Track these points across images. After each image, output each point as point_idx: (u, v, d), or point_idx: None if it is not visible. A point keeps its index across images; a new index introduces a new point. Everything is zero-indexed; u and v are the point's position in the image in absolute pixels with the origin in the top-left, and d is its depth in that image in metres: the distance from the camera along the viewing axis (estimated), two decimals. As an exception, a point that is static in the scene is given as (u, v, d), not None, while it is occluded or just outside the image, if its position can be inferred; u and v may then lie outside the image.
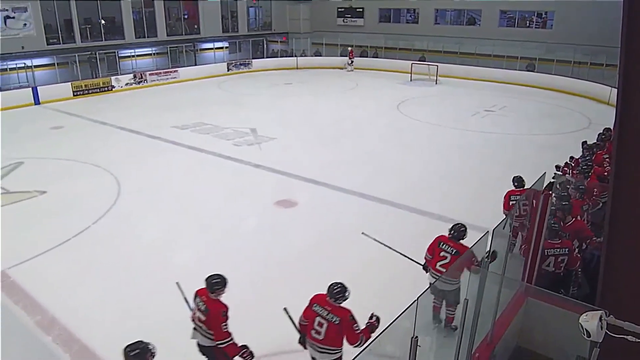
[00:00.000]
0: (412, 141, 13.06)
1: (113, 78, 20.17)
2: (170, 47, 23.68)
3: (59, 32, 20.10)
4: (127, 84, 20.49)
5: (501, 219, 4.64)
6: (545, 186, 5.85)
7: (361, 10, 27.41)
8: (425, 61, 23.46)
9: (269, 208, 8.66)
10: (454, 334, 4.78)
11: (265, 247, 7.25)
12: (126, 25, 22.20)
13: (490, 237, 3.89)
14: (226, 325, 3.83)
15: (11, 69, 18.50)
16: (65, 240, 7.41)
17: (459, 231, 4.85)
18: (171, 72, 22.30)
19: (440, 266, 4.81)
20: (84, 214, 8.31)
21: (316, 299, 3.93)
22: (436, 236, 5.08)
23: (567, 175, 7.03)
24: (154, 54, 23.27)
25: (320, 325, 3.81)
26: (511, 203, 6.38)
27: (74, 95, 18.73)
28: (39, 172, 10.62)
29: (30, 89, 17.78)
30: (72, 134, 13.93)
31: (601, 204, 5.95)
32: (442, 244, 4.88)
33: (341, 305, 3.82)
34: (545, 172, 5.58)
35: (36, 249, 7.07)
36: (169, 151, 12.16)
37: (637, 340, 2.40)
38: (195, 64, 24.36)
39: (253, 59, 26.25)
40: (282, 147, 12.39)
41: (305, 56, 27.55)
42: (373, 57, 26.63)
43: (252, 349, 4.04)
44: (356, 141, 12.96)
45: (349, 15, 27.92)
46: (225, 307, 3.88)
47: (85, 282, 6.34)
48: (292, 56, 27.34)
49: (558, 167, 7.73)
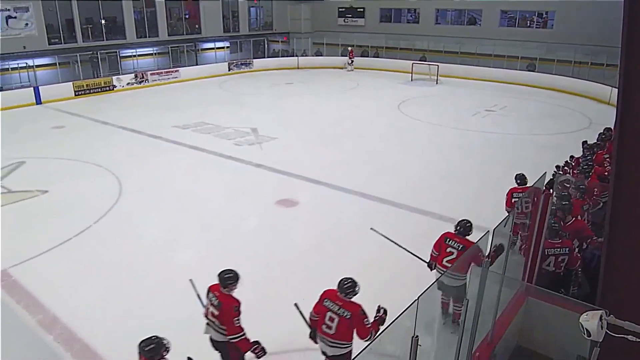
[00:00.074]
0: (412, 141, 13.06)
1: (114, 78, 20.20)
2: (171, 47, 23.74)
3: (61, 32, 20.14)
4: (128, 83, 20.52)
5: (502, 218, 4.64)
6: (546, 184, 5.88)
7: (362, 10, 27.42)
8: (426, 61, 23.47)
9: (270, 208, 8.68)
10: (459, 330, 4.79)
11: (266, 247, 7.26)
12: (127, 25, 22.24)
13: (490, 237, 3.90)
14: (238, 320, 3.86)
15: (13, 68, 18.55)
16: (66, 239, 7.43)
17: (465, 227, 4.89)
18: (172, 71, 22.33)
19: (447, 262, 4.85)
20: (86, 213, 8.34)
21: (327, 295, 3.95)
22: (440, 234, 5.10)
23: (568, 175, 7.03)
24: (155, 53, 23.32)
25: (332, 320, 3.85)
26: (513, 200, 6.40)
27: (75, 95, 18.76)
28: (40, 171, 10.64)
29: (32, 88, 17.80)
30: (73, 133, 13.96)
31: (602, 204, 5.95)
32: (448, 240, 4.92)
33: (352, 300, 3.86)
34: (546, 172, 5.59)
35: (38, 249, 7.09)
36: (170, 151, 12.18)
37: (638, 340, 2.40)
38: (197, 64, 24.39)
39: (254, 58, 26.27)
40: (283, 147, 12.40)
41: (306, 56, 27.58)
42: (374, 57, 26.63)
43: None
44: (357, 141, 12.96)
45: (350, 15, 27.93)
46: (238, 302, 3.91)
47: (86, 281, 6.36)
48: (293, 56, 27.35)
49: (558, 167, 7.74)
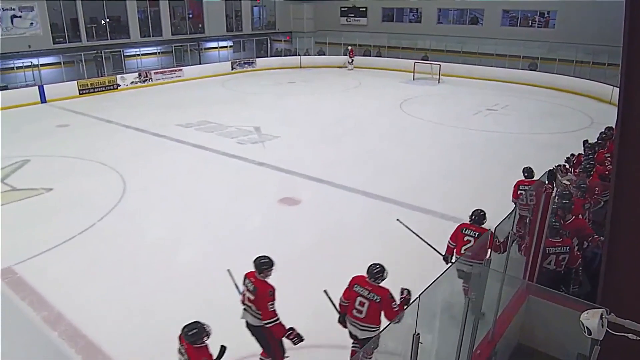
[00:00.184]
0: (414, 140, 13.07)
1: (118, 77, 20.27)
2: (175, 46, 23.80)
3: (65, 31, 20.25)
4: (132, 82, 20.58)
5: (502, 217, 4.67)
6: (547, 176, 6.01)
7: (364, 9, 27.42)
8: (428, 60, 23.44)
9: (273, 206, 8.71)
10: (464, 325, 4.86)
11: (268, 245, 7.24)
12: (131, 25, 22.32)
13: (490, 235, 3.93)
14: (273, 304, 3.98)
15: (18, 67, 18.64)
16: (71, 237, 7.48)
17: (480, 215, 5.11)
18: (176, 70, 22.39)
19: (466, 250, 5.00)
20: (90, 211, 8.39)
21: (356, 280, 4.11)
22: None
23: (569, 173, 7.04)
24: (158, 52, 23.38)
25: (362, 304, 4.00)
26: (519, 192, 6.62)
27: (79, 94, 18.82)
28: (45, 169, 10.71)
29: (37, 87, 17.89)
30: (78, 132, 14.03)
31: (603, 203, 5.97)
32: (464, 229, 5.11)
33: (380, 285, 4.01)
34: (547, 171, 5.62)
35: (43, 246, 7.14)
36: (174, 149, 12.23)
37: (638, 339, 2.41)
38: (200, 63, 24.44)
39: (257, 57, 26.29)
40: (285, 146, 12.43)
41: (309, 55, 27.61)
42: (376, 56, 26.62)
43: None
44: (359, 140, 12.98)
45: (352, 15, 27.93)
46: (272, 287, 4.03)
47: (90, 278, 6.40)
48: (295, 55, 27.37)
49: (559, 166, 7.74)
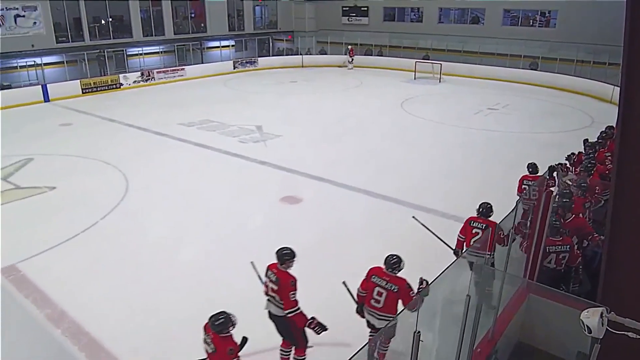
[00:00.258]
0: (415, 139, 13.08)
1: (121, 76, 20.34)
2: (177, 46, 23.84)
3: (68, 31, 20.28)
4: (134, 81, 20.64)
5: (503, 215, 4.69)
6: (548, 172, 6.17)
7: (366, 9, 27.41)
8: (429, 59, 23.44)
9: (274, 205, 8.74)
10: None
11: (270, 243, 7.21)
12: (134, 24, 22.35)
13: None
14: (294, 294, 4.07)
15: (21, 66, 18.73)
16: (74, 235, 7.52)
17: (486, 208, 5.23)
18: (178, 70, 22.44)
19: (475, 242, 5.08)
20: (93, 209, 8.42)
21: (373, 271, 4.20)
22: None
23: (570, 172, 7.06)
24: (161, 52, 23.45)
25: (380, 294, 4.10)
26: (523, 187, 6.75)
27: (82, 93, 18.89)
28: (48, 168, 10.75)
29: (40, 86, 17.96)
30: (80, 130, 14.08)
31: (603, 202, 5.99)
32: (473, 222, 5.22)
33: (397, 275, 4.09)
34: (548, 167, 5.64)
35: (46, 244, 7.18)
36: (176, 148, 12.26)
37: (638, 337, 2.41)
38: (202, 62, 24.51)
39: (259, 57, 26.35)
40: (287, 145, 12.45)
41: (311, 54, 27.62)
42: (377, 55, 26.61)
43: (259, 343, 4.11)
44: (360, 139, 12.99)
45: (354, 14, 27.93)
46: (294, 277, 4.13)
47: (93, 277, 6.43)
48: (297, 54, 27.39)
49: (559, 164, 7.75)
